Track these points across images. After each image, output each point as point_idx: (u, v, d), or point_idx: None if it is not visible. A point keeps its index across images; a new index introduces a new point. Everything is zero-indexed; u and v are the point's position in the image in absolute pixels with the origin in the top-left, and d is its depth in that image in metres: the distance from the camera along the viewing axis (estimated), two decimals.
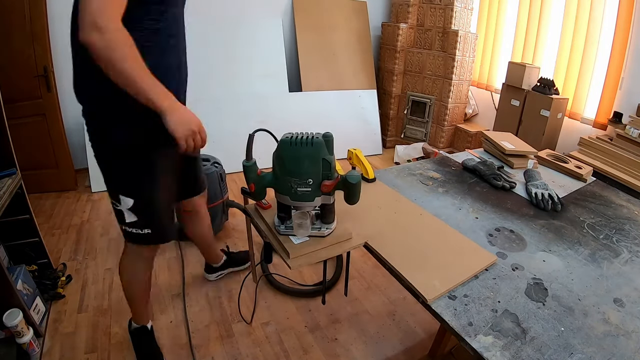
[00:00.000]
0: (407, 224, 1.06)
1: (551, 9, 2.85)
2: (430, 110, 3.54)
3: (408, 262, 0.90)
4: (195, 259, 2.05)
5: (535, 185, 1.34)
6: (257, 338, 1.60)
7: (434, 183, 1.36)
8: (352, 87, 3.59)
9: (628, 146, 2.28)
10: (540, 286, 0.88)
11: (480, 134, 2.68)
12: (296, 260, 0.87)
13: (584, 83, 2.69)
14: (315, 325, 1.67)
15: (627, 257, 1.03)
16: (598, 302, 0.84)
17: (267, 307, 1.76)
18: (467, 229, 1.09)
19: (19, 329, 1.36)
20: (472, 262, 0.92)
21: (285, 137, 0.87)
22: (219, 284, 1.88)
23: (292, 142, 0.86)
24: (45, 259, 1.80)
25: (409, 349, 1.59)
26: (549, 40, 2.93)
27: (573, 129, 2.76)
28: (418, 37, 3.52)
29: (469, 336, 0.73)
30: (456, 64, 3.23)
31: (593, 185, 1.48)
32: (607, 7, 2.49)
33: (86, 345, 1.51)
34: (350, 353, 1.55)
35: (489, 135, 1.68)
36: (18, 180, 1.51)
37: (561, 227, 1.15)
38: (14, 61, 2.28)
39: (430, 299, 0.80)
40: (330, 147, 0.88)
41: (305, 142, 0.85)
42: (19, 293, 1.44)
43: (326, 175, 0.88)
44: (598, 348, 0.72)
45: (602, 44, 2.56)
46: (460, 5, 3.21)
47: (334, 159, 0.90)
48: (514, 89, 2.88)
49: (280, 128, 1.00)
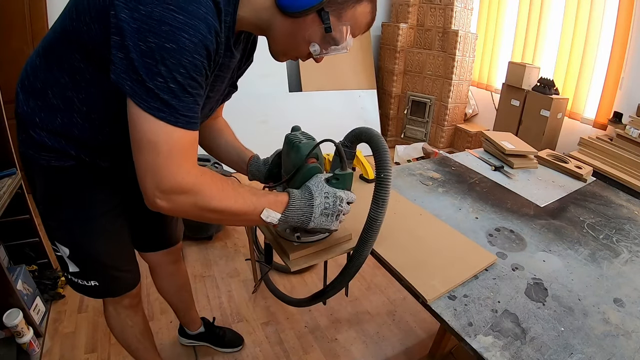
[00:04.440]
0: (407, 224, 1.06)
1: (551, 9, 2.85)
2: (430, 110, 3.54)
3: (408, 262, 0.90)
4: (195, 258, 2.05)
5: None
6: (257, 338, 1.60)
7: (434, 183, 1.36)
8: (352, 87, 3.59)
9: (628, 146, 2.28)
10: (540, 286, 0.88)
11: (480, 134, 2.68)
12: (296, 261, 0.86)
13: (584, 83, 2.69)
14: (315, 325, 1.67)
15: (627, 257, 1.03)
16: (598, 302, 0.84)
17: (267, 307, 1.76)
18: (467, 229, 1.08)
19: (19, 329, 1.36)
20: (472, 262, 0.92)
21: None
22: (219, 284, 1.88)
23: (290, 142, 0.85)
24: (45, 259, 1.80)
25: (409, 349, 1.59)
26: (549, 40, 2.93)
27: (573, 129, 2.76)
28: (418, 37, 3.52)
29: (468, 336, 0.73)
30: (456, 64, 3.23)
31: (593, 185, 1.48)
32: (607, 7, 2.49)
33: (86, 345, 1.51)
34: (350, 353, 1.55)
35: (489, 135, 1.68)
36: (18, 180, 1.51)
37: (561, 227, 1.15)
38: (14, 61, 2.28)
39: (430, 299, 0.80)
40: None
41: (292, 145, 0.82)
42: (19, 293, 1.44)
43: None
44: (598, 348, 0.72)
45: (602, 44, 2.56)
46: (460, 5, 3.21)
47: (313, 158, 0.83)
48: (514, 89, 2.88)
49: (280, 128, 1.00)
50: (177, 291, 1.36)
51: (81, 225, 0.90)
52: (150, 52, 0.56)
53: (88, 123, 0.77)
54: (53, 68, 0.73)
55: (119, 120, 0.76)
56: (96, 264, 0.96)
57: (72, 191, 0.87)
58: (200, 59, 0.60)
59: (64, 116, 0.76)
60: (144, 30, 0.56)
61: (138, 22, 0.56)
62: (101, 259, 0.96)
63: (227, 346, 1.53)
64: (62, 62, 0.72)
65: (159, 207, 0.64)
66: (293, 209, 0.75)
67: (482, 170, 1.50)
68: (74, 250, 0.93)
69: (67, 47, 0.70)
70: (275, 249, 0.91)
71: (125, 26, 0.56)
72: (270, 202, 0.73)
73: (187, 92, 0.60)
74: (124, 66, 0.58)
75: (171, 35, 0.56)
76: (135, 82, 0.58)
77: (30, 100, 0.78)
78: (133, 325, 1.14)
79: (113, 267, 0.99)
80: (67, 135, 0.78)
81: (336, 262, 1.38)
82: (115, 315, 1.11)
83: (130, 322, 1.13)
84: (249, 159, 0.99)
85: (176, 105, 0.60)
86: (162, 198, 0.63)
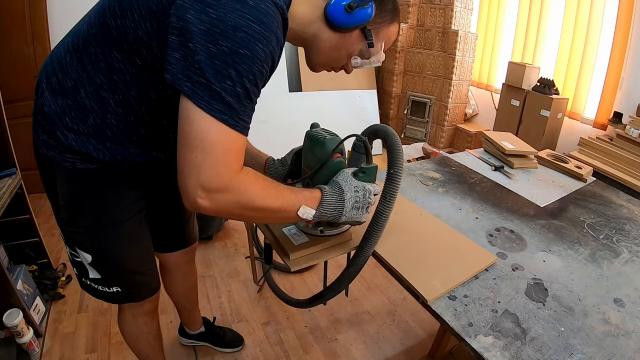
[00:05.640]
0: (407, 224, 1.06)
1: (551, 9, 2.85)
2: (430, 110, 3.54)
3: (408, 262, 0.90)
4: (196, 257, 2.05)
5: None
6: (257, 338, 1.60)
7: (434, 183, 1.36)
8: (352, 87, 3.59)
9: (628, 146, 2.29)
10: (540, 286, 0.88)
11: (480, 134, 2.68)
12: (296, 261, 0.86)
13: (584, 83, 2.69)
14: (315, 325, 1.67)
15: (627, 257, 1.03)
16: (598, 302, 0.84)
17: (267, 307, 1.76)
18: (467, 229, 1.08)
19: (19, 329, 1.36)
20: (472, 262, 0.92)
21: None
22: (219, 284, 1.88)
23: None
24: (45, 259, 1.80)
25: (409, 349, 1.59)
26: (549, 40, 2.93)
27: (573, 129, 2.76)
28: (418, 37, 3.52)
29: (469, 336, 0.73)
30: (456, 64, 3.23)
31: (593, 185, 1.48)
32: (607, 7, 2.49)
33: (86, 345, 1.51)
34: (350, 353, 1.56)
35: (489, 135, 1.68)
36: (18, 180, 1.51)
37: (561, 227, 1.15)
38: (14, 61, 2.29)
39: (430, 299, 0.80)
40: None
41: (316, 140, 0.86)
42: (19, 293, 1.44)
43: None
44: (598, 348, 0.72)
45: (602, 44, 2.56)
46: (460, 5, 3.21)
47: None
48: (514, 89, 2.88)
49: (281, 128, 1.00)
50: (188, 291, 1.37)
51: (107, 231, 0.88)
52: (222, 55, 0.56)
53: (123, 125, 0.76)
54: (87, 66, 0.71)
55: (154, 122, 0.77)
56: (120, 270, 0.94)
57: (98, 195, 0.85)
58: (266, 68, 0.62)
59: (97, 117, 0.74)
60: (214, 33, 0.56)
61: (207, 25, 0.56)
62: (125, 265, 0.94)
63: (227, 346, 1.53)
64: (99, 60, 0.70)
65: (200, 206, 0.62)
66: (326, 204, 0.76)
67: (482, 170, 1.50)
68: (98, 257, 0.90)
69: (107, 45, 0.68)
70: (275, 248, 0.91)
71: (192, 28, 0.56)
72: (306, 198, 0.75)
73: (249, 99, 0.61)
74: (182, 67, 0.57)
75: (246, 43, 0.57)
76: (196, 84, 0.57)
77: (59, 99, 0.74)
78: (149, 332, 1.13)
79: (136, 272, 0.97)
80: (98, 136, 0.76)
81: (336, 262, 1.38)
82: (132, 322, 1.09)
83: (146, 329, 1.11)
84: (266, 162, 1.00)
85: (238, 109, 0.60)
86: (204, 197, 0.61)
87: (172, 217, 1.15)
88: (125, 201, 0.88)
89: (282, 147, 1.13)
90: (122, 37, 0.66)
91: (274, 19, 0.60)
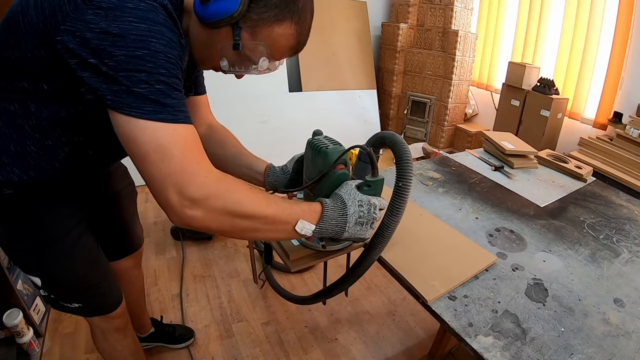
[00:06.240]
0: (407, 224, 1.06)
1: (551, 9, 2.85)
2: (430, 110, 3.54)
3: (408, 262, 0.90)
4: (195, 258, 2.05)
5: None
6: (257, 338, 1.60)
7: (434, 183, 1.36)
8: (352, 87, 3.59)
9: (628, 146, 2.29)
10: (540, 286, 0.88)
11: (480, 134, 2.68)
12: (296, 261, 0.86)
13: (584, 83, 2.69)
14: (315, 325, 1.67)
15: (627, 257, 1.03)
16: (598, 303, 0.84)
17: (267, 307, 1.76)
18: (467, 229, 1.08)
19: (19, 329, 1.36)
20: (472, 262, 0.92)
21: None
22: (219, 284, 1.88)
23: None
24: None
25: (409, 349, 1.59)
26: (549, 40, 2.93)
27: (573, 129, 2.76)
28: (418, 37, 3.52)
29: (469, 337, 0.73)
30: (456, 64, 3.23)
31: (593, 185, 1.48)
32: (607, 7, 2.49)
33: (86, 345, 1.51)
34: (350, 353, 1.56)
35: (489, 135, 1.68)
36: None
37: (561, 227, 1.15)
38: None
39: (430, 299, 0.80)
40: None
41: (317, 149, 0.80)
42: (19, 293, 1.44)
43: None
44: (598, 348, 0.72)
45: (602, 44, 2.56)
46: (460, 5, 3.21)
47: None
48: (514, 89, 2.88)
49: (281, 128, 1.00)
50: (136, 296, 1.33)
51: (48, 251, 0.84)
52: (123, 64, 0.54)
53: (43, 150, 0.73)
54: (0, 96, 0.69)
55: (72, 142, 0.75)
56: (72, 287, 0.91)
57: (32, 217, 0.82)
58: (173, 58, 0.59)
59: (17, 145, 0.72)
60: (104, 47, 0.54)
61: (95, 42, 0.54)
62: (76, 281, 0.90)
63: (178, 341, 1.52)
64: (8, 89, 0.68)
65: (191, 217, 0.58)
66: (327, 219, 0.70)
67: (482, 170, 1.50)
68: (47, 279, 0.88)
69: (12, 75, 0.66)
70: (275, 249, 0.91)
71: (81, 51, 0.55)
72: (304, 211, 0.69)
73: (175, 89, 0.59)
74: (97, 82, 0.56)
75: (139, 43, 0.55)
76: (118, 93, 0.55)
77: None
78: (122, 349, 1.09)
79: (91, 287, 0.94)
80: (21, 165, 0.74)
81: (336, 263, 1.38)
82: (103, 340, 1.06)
83: (120, 347, 1.08)
84: (265, 169, 0.93)
85: (170, 103, 0.57)
86: (192, 207, 0.57)
87: (114, 224, 1.12)
88: (58, 218, 0.85)
89: (282, 147, 1.12)
90: (24, 67, 0.64)
91: (159, 13, 0.58)
